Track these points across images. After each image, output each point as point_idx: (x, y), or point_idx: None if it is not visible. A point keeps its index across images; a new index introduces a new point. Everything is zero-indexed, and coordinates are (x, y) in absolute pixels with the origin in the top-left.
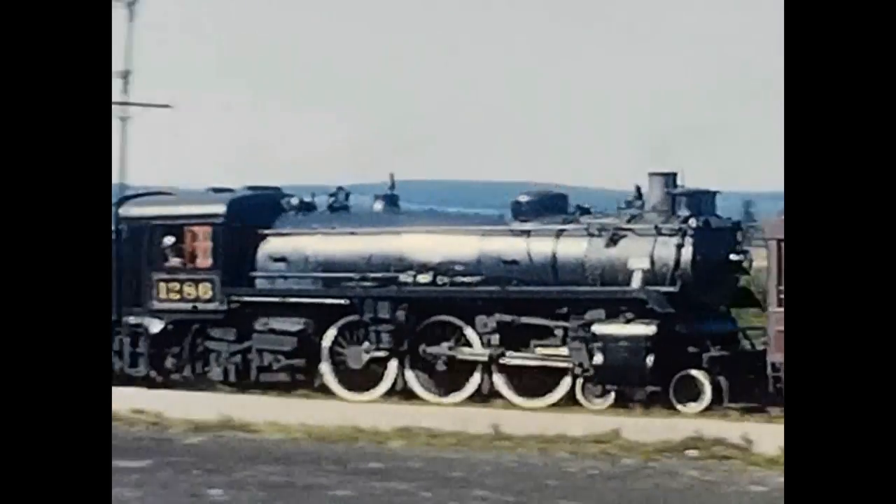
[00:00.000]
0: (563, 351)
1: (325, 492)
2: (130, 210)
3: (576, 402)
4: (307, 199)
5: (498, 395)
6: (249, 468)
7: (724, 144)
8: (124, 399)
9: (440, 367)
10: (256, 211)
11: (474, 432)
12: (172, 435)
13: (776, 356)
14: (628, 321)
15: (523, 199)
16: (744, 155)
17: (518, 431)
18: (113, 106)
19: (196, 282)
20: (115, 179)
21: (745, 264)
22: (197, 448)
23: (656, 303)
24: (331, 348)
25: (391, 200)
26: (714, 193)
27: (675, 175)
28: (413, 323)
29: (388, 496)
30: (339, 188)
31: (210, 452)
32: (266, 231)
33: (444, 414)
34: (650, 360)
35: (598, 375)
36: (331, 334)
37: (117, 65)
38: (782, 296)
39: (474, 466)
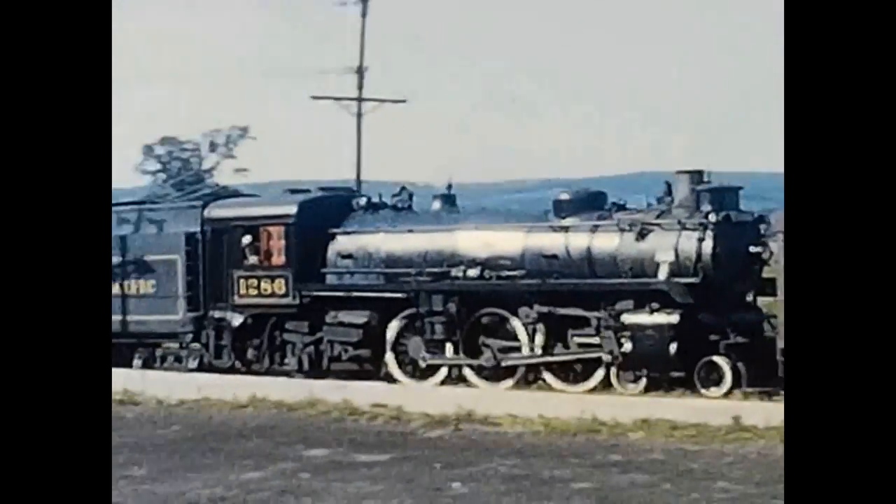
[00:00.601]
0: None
1: (566, 484)
2: (213, 212)
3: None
4: (375, 199)
5: (543, 381)
6: (490, 461)
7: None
8: (365, 393)
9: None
10: (327, 211)
11: (715, 424)
12: (413, 429)
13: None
14: (653, 311)
15: (564, 197)
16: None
17: (759, 423)
18: (348, 102)
19: (272, 278)
20: (350, 175)
21: (766, 256)
22: (437, 441)
23: (677, 293)
24: (394, 339)
25: (449, 200)
26: (737, 189)
27: (700, 173)
28: (464, 315)
29: (629, 488)
30: (403, 188)
31: (451, 446)
32: (335, 230)
33: (684, 406)
34: (673, 347)
35: (628, 362)
36: (394, 326)
37: (352, 61)
38: None
39: (715, 458)
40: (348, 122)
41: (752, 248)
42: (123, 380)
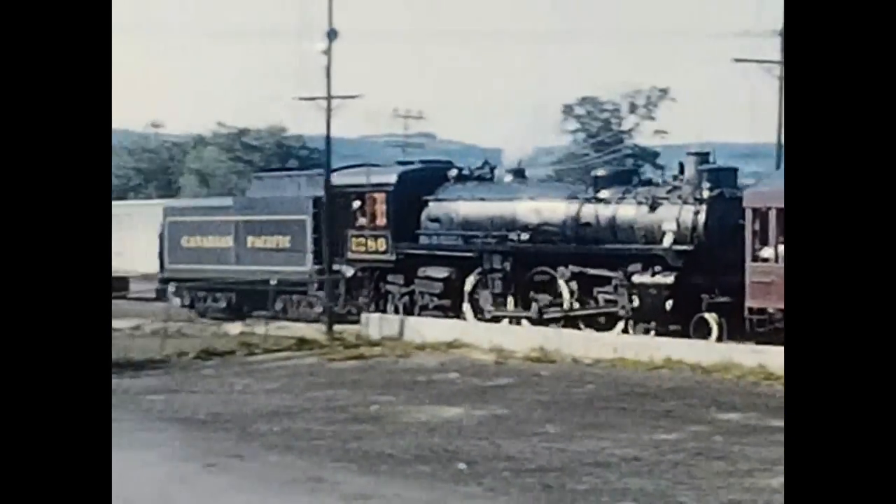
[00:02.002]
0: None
1: None
2: (334, 179)
3: None
4: (465, 171)
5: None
6: None
7: None
8: (782, 358)
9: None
10: (424, 181)
11: None
12: None
13: (751, 302)
14: (655, 273)
15: (600, 173)
16: None
17: None
18: (771, 65)
19: (375, 237)
20: (771, 138)
21: None
22: None
23: (671, 259)
24: (471, 291)
25: (519, 173)
26: (735, 170)
27: (707, 154)
28: (517, 272)
29: None
30: (485, 162)
31: None
32: (428, 197)
33: None
34: (669, 303)
35: (636, 315)
36: (471, 280)
37: (775, 24)
38: (757, 253)
39: None
40: (770, 86)
41: (742, 221)
42: (541, 338)
